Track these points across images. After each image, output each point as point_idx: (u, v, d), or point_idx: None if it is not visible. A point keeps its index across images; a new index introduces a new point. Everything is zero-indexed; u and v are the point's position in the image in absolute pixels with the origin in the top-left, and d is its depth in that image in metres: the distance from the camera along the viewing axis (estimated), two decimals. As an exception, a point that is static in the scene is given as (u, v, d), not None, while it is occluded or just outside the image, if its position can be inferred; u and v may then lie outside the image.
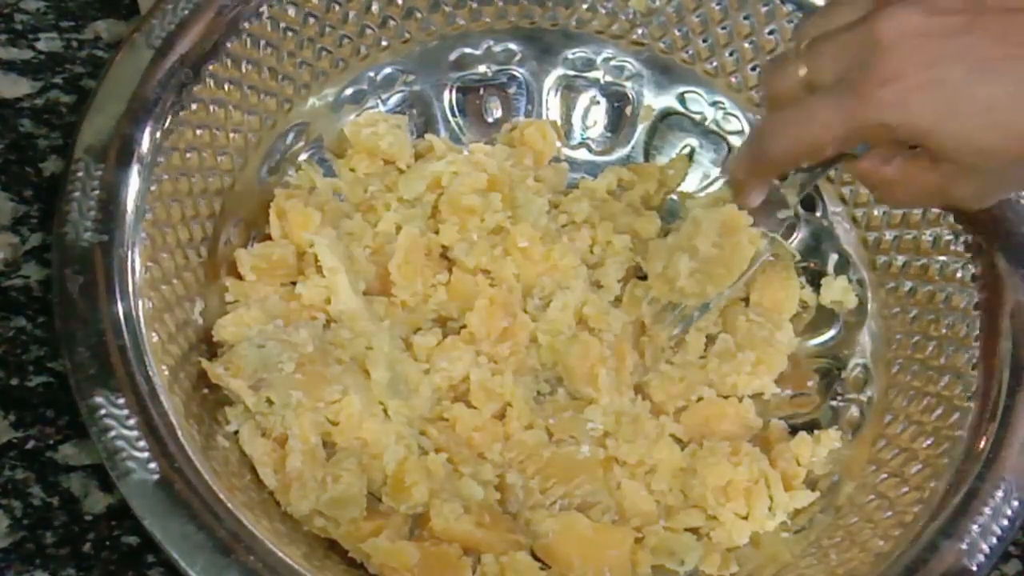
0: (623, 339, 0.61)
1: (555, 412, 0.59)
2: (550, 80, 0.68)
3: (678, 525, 0.57)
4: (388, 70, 0.66)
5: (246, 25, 0.60)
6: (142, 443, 0.49)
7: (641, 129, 0.69)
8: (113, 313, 0.52)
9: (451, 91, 0.67)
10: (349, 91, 0.65)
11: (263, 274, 0.59)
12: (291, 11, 0.62)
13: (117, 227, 0.53)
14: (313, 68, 0.63)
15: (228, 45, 0.60)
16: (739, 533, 0.57)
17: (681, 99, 0.68)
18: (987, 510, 0.52)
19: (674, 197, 0.67)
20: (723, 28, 0.65)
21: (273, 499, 0.53)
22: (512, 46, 0.67)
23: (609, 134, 0.69)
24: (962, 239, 0.59)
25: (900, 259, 0.62)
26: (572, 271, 0.62)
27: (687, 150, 0.68)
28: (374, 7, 0.64)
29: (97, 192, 0.54)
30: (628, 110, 0.69)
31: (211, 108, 0.59)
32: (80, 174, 0.54)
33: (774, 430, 0.61)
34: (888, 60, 0.47)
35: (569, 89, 0.69)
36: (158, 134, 0.56)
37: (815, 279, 0.65)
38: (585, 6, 0.67)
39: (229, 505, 0.49)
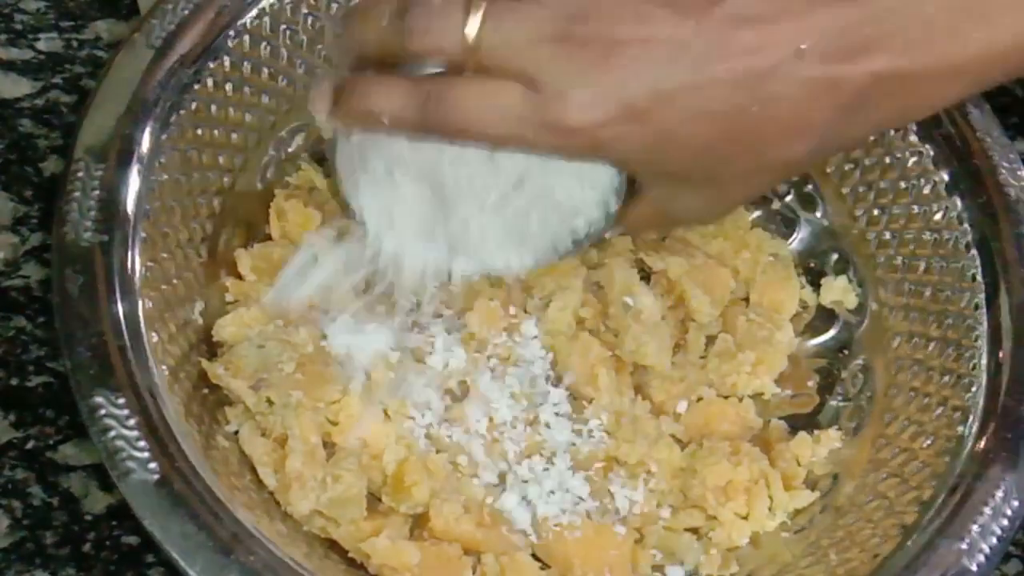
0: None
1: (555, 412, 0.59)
2: (550, 80, 0.68)
3: (678, 525, 0.57)
4: (388, 70, 0.66)
5: (246, 25, 0.60)
6: (142, 443, 0.49)
7: (641, 129, 0.68)
8: (113, 313, 0.52)
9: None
10: (349, 91, 0.65)
11: (263, 274, 0.59)
12: (291, 11, 0.62)
13: (117, 227, 0.53)
14: (313, 68, 0.63)
15: (228, 45, 0.60)
16: (739, 533, 0.57)
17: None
18: (987, 510, 0.52)
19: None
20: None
21: (273, 499, 0.53)
22: (512, 46, 0.67)
23: (609, 134, 0.69)
24: (963, 239, 0.59)
25: (900, 259, 0.62)
26: (572, 271, 0.62)
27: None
28: (374, 7, 0.64)
29: (97, 192, 0.54)
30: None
31: (211, 108, 0.59)
32: (80, 174, 0.54)
33: (774, 430, 0.61)
34: None
35: (569, 89, 0.68)
36: (158, 134, 0.56)
37: (815, 279, 0.65)
38: (585, 6, 0.67)
39: (229, 505, 0.49)
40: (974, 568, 0.51)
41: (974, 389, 0.56)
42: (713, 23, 0.44)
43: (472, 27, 0.44)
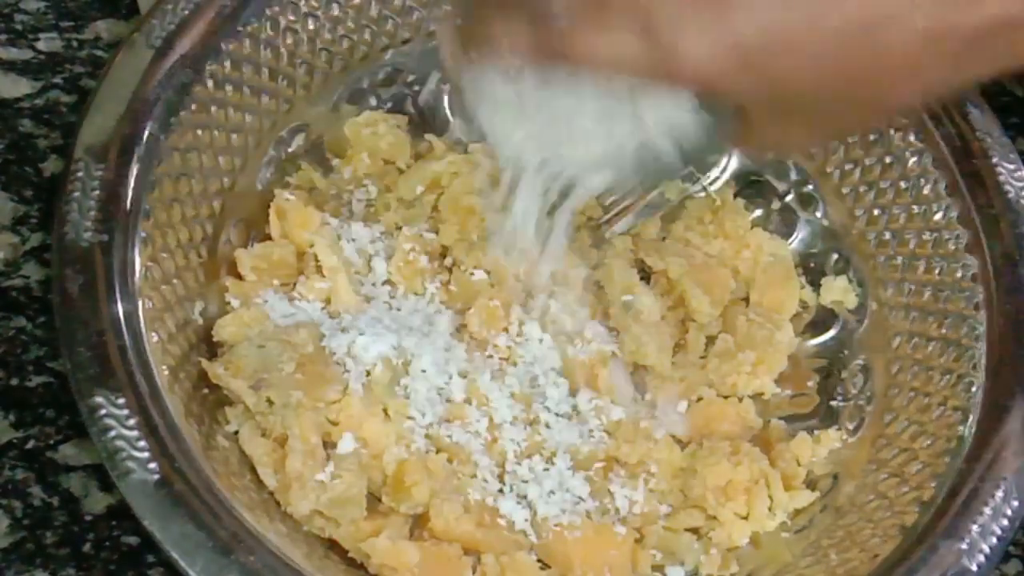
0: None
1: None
2: (550, 80, 0.68)
3: (678, 525, 0.57)
4: (388, 70, 0.66)
5: (246, 25, 0.60)
6: (142, 443, 0.49)
7: (641, 129, 0.68)
8: (113, 313, 0.52)
9: (451, 91, 0.67)
10: (349, 91, 0.65)
11: (263, 274, 0.59)
12: (291, 11, 0.62)
13: (117, 227, 0.53)
14: (313, 68, 0.63)
15: (228, 45, 0.60)
16: (739, 533, 0.57)
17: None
18: (987, 510, 0.52)
19: (671, 199, 0.67)
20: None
21: (273, 499, 0.53)
22: (512, 46, 0.67)
23: (609, 134, 0.69)
24: (963, 239, 0.60)
25: (900, 259, 0.62)
26: (572, 271, 0.62)
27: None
28: (373, 7, 0.64)
29: (97, 192, 0.54)
30: (628, 109, 0.68)
31: (211, 108, 0.59)
32: (80, 174, 0.54)
33: (774, 430, 0.61)
34: None
35: (569, 89, 0.69)
36: (158, 134, 0.56)
37: (815, 279, 0.65)
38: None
39: (229, 505, 0.49)
40: (974, 568, 0.51)
41: (974, 389, 0.56)
42: None
43: None
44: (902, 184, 0.62)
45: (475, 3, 0.49)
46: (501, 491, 0.57)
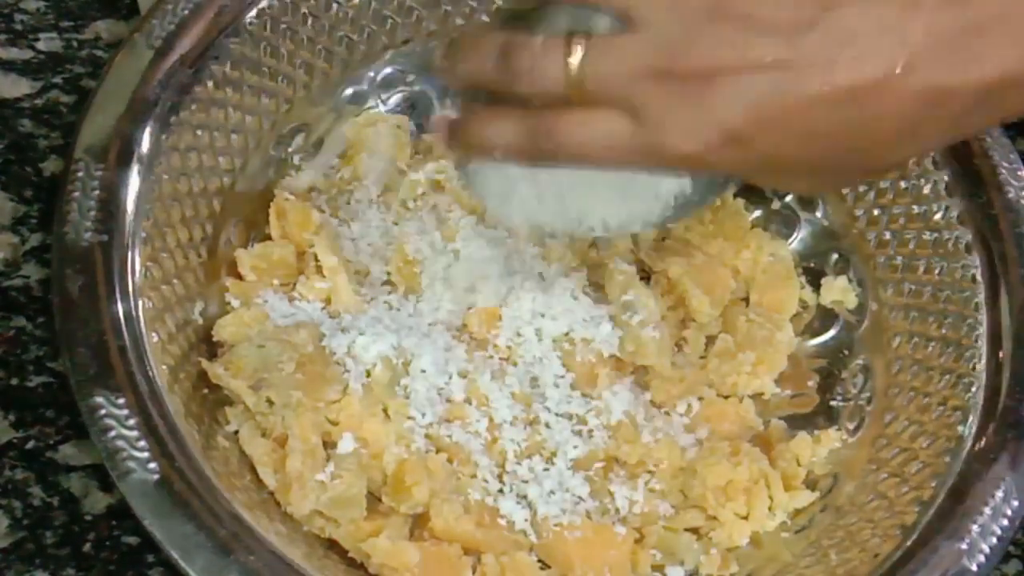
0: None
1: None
2: (550, 80, 0.68)
3: (678, 525, 0.57)
4: (388, 70, 0.66)
5: (246, 25, 0.60)
6: (142, 443, 0.49)
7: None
8: (113, 313, 0.52)
9: (451, 91, 0.67)
10: (349, 91, 0.65)
11: (263, 274, 0.59)
12: (291, 11, 0.62)
13: (117, 227, 0.54)
14: (313, 68, 0.63)
15: (228, 45, 0.60)
16: (739, 533, 0.57)
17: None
18: (987, 510, 0.52)
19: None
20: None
21: (273, 499, 0.53)
22: (512, 46, 0.67)
23: (609, 134, 0.69)
24: (963, 239, 0.60)
25: (900, 259, 0.62)
26: (572, 271, 0.62)
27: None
28: (374, 7, 0.64)
29: (97, 192, 0.54)
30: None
31: (211, 108, 0.59)
32: (80, 174, 0.54)
33: (774, 430, 0.61)
34: None
35: (569, 89, 0.68)
36: (158, 134, 0.56)
37: (815, 279, 0.65)
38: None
39: (229, 505, 0.49)
40: (974, 568, 0.51)
41: (974, 389, 0.56)
42: (812, 44, 0.43)
43: (575, 64, 0.45)
44: (902, 184, 0.62)
45: (462, 105, 0.51)
46: (501, 491, 0.57)
